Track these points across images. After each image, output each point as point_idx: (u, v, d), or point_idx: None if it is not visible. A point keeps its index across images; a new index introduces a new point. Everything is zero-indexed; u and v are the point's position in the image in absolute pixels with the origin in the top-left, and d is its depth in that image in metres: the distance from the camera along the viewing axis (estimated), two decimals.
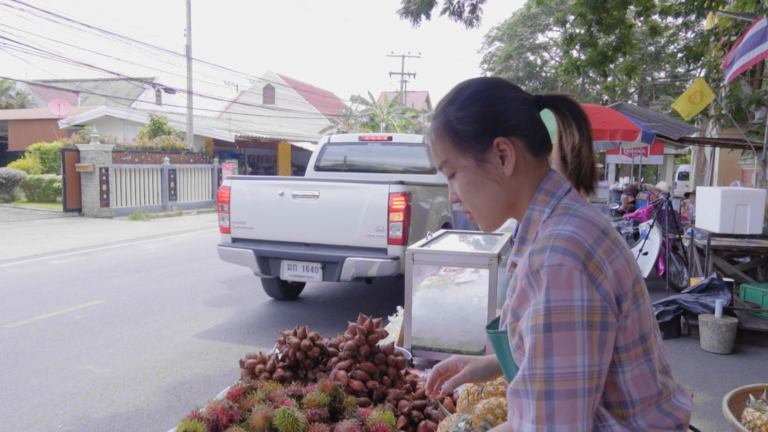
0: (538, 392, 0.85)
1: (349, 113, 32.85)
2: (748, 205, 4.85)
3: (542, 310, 0.87)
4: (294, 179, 5.66)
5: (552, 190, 1.02)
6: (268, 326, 5.48)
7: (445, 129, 1.04)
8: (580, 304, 0.86)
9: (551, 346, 0.85)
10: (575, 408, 0.84)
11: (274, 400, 1.25)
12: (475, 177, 1.03)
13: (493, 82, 1.05)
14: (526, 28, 29.85)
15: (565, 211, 0.98)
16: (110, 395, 3.83)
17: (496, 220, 1.07)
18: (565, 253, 0.88)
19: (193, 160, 18.50)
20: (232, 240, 5.60)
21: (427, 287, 2.19)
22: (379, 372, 1.67)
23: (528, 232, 1.02)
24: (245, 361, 1.74)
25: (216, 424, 1.16)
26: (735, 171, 13.07)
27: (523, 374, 0.88)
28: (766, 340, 4.95)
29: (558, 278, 0.86)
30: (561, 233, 0.91)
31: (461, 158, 1.03)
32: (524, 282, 0.91)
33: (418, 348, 2.11)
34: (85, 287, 6.95)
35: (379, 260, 4.98)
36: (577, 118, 1.04)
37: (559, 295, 0.86)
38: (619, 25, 13.09)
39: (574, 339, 0.85)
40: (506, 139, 1.00)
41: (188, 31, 19.15)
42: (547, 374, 0.85)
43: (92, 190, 15.06)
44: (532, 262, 0.90)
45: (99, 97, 25.93)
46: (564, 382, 0.84)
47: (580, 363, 0.85)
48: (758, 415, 1.80)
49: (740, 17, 10.61)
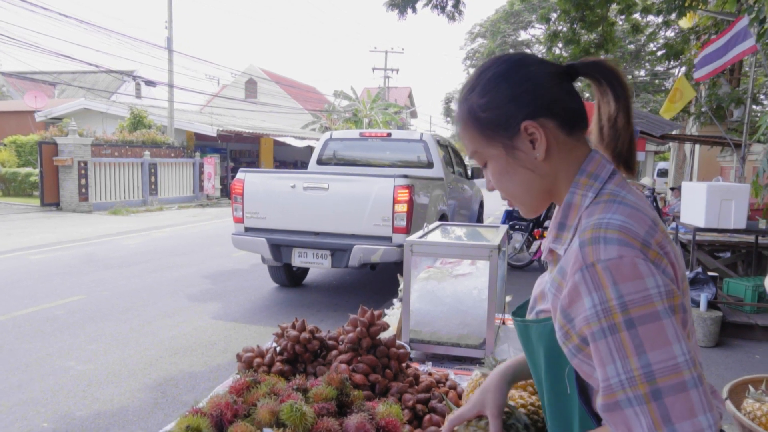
0: (645, 395, 0.76)
1: (332, 108, 32.69)
2: (733, 200, 4.91)
3: (617, 307, 0.78)
4: (304, 173, 6.09)
5: (595, 172, 0.94)
6: (253, 321, 5.41)
7: (469, 118, 0.98)
8: (657, 291, 0.79)
9: (641, 342, 0.77)
10: (690, 401, 0.76)
11: (279, 394, 1.21)
12: (506, 166, 0.97)
13: (515, 60, 0.98)
14: (508, 24, 29.95)
15: (612, 198, 0.90)
16: (94, 392, 3.74)
17: (535, 206, 1.01)
18: (620, 243, 0.81)
19: (174, 154, 18.25)
20: (245, 229, 5.90)
21: (425, 279, 2.15)
22: (381, 365, 1.63)
23: (568, 218, 0.94)
24: (242, 355, 1.69)
25: (220, 419, 1.11)
26: (714, 168, 13.26)
27: (620, 380, 0.78)
28: (749, 332, 5.03)
29: (623, 271, 0.79)
30: (611, 223, 0.84)
31: (489, 147, 0.97)
32: (577, 276, 0.83)
33: (416, 341, 2.08)
34: (64, 282, 6.80)
35: (385, 247, 5.33)
36: (613, 85, 0.96)
37: (631, 288, 0.78)
38: (602, 23, 13.20)
39: (664, 329, 0.77)
40: (534, 122, 0.93)
41: (169, 23, 18.85)
42: (647, 373, 0.77)
43: (70, 185, 14.76)
44: (585, 254, 0.82)
45: (77, 90, 25.43)
46: (669, 377, 0.76)
47: (679, 352, 0.77)
48: (758, 405, 1.80)
49: (720, 16, 10.76)
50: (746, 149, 8.01)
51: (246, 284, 6.96)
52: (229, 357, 4.44)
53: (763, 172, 5.13)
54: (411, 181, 5.43)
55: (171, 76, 18.97)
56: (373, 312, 1.68)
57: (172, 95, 18.96)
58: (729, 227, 4.95)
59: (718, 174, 12.64)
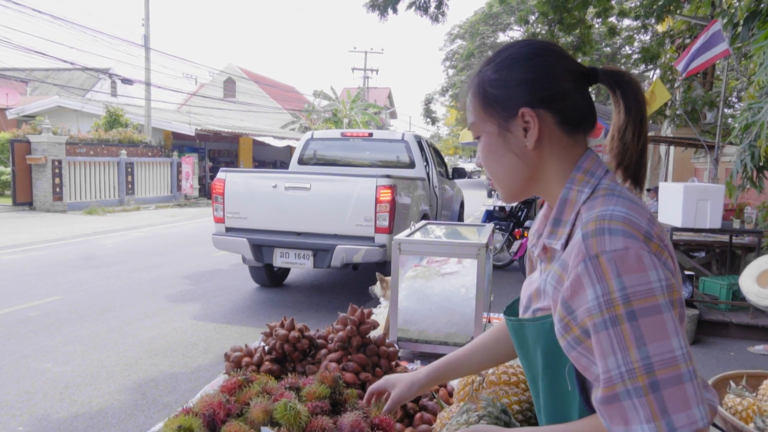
0: (644, 387, 0.77)
1: (312, 108, 32.55)
2: (708, 200, 5.00)
3: (619, 299, 0.79)
4: (286, 173, 6.03)
5: (591, 169, 0.95)
6: (234, 321, 5.36)
7: (478, 89, 0.99)
8: (659, 284, 0.79)
9: (641, 334, 0.78)
10: (686, 394, 0.77)
11: (272, 393, 1.20)
12: (496, 145, 0.98)
13: (539, 47, 0.97)
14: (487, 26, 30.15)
15: (610, 192, 0.90)
16: (71, 394, 3.67)
17: (514, 192, 1.01)
18: (625, 235, 0.81)
19: (151, 153, 17.99)
20: (226, 229, 5.82)
21: (412, 278, 2.16)
22: (371, 364, 1.63)
23: (564, 213, 0.94)
24: (231, 355, 1.67)
25: (212, 418, 1.09)
26: (688, 169, 13.53)
27: (620, 372, 0.79)
28: (724, 330, 5.13)
29: (627, 262, 0.79)
30: (615, 214, 0.84)
31: (485, 122, 0.99)
32: (580, 268, 0.83)
33: (404, 340, 2.08)
34: (39, 283, 6.65)
35: (367, 248, 5.30)
36: (626, 96, 0.95)
37: (634, 280, 0.79)
38: (580, 25, 13.38)
39: (664, 322, 0.78)
40: (533, 111, 0.93)
41: (146, 21, 18.57)
42: (646, 365, 0.77)
43: (44, 184, 14.45)
44: (589, 245, 0.82)
45: (50, 87, 24.89)
46: (666, 369, 0.77)
47: (677, 345, 0.78)
48: (739, 400, 1.84)
49: (694, 20, 10.98)
50: (719, 151, 8.19)
51: (226, 284, 6.89)
52: (210, 358, 4.39)
53: (737, 173, 5.25)
54: (393, 181, 5.42)
55: (148, 74, 18.69)
56: (363, 310, 1.68)
57: (150, 94, 18.68)
58: (705, 227, 5.04)
59: (692, 175, 12.89)
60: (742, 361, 4.52)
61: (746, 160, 5.08)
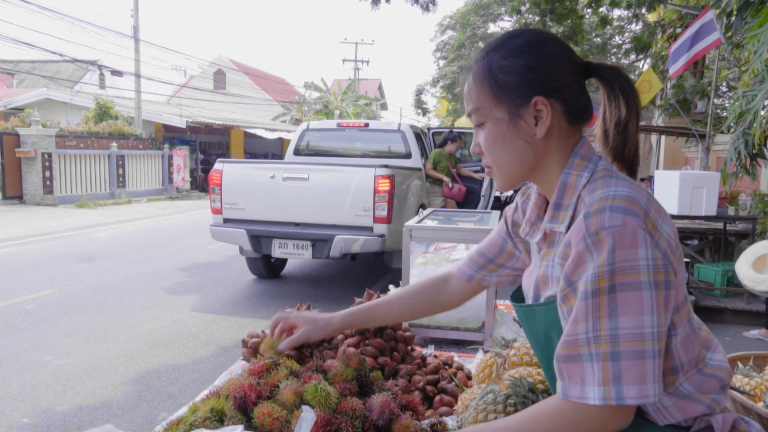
0: (604, 353, 0.82)
1: (303, 100, 32.38)
2: (704, 187, 5.06)
3: (606, 273, 0.83)
4: (284, 163, 6.00)
5: (587, 155, 0.98)
6: (234, 313, 5.36)
7: (485, 75, 0.99)
8: (646, 263, 0.83)
9: (615, 306, 0.82)
10: (645, 369, 0.82)
11: (299, 375, 1.21)
12: (505, 132, 0.98)
13: (546, 36, 0.99)
14: (478, 17, 30.06)
15: (609, 173, 0.94)
16: (74, 386, 3.66)
17: (514, 179, 1.02)
18: (626, 212, 0.84)
19: (142, 146, 17.84)
20: (223, 221, 5.80)
21: (423, 264, 2.17)
22: (389, 348, 1.64)
23: (564, 198, 0.97)
24: (248, 341, 1.67)
25: (243, 401, 1.10)
26: (679, 158, 13.63)
27: (586, 336, 0.84)
28: (719, 315, 5.21)
29: (623, 238, 0.83)
30: (617, 193, 0.87)
31: (494, 108, 0.98)
32: (581, 246, 0.86)
33: (415, 326, 2.10)
34: (34, 276, 6.60)
35: (366, 237, 5.30)
36: (626, 92, 0.99)
37: (624, 256, 0.82)
38: (571, 15, 13.40)
39: (642, 299, 0.82)
40: (546, 99, 0.95)
41: (135, 12, 18.36)
42: (612, 335, 0.82)
43: (34, 177, 14.31)
44: (589, 224, 0.86)
45: (37, 79, 24.58)
46: (631, 343, 0.82)
47: (648, 323, 0.82)
48: (747, 380, 1.88)
49: (686, 10, 11.03)
50: (710, 140, 8.26)
51: (223, 276, 6.88)
52: (211, 349, 4.39)
53: (731, 160, 5.30)
54: (391, 171, 5.44)
55: (138, 66, 18.50)
56: (379, 295, 1.69)
57: (140, 86, 18.50)
58: (701, 214, 5.10)
59: (683, 164, 12.99)
60: (738, 345, 4.59)
61: (740, 147, 5.12)
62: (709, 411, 0.94)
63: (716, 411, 0.95)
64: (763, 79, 4.88)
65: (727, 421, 0.94)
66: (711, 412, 0.94)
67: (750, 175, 5.34)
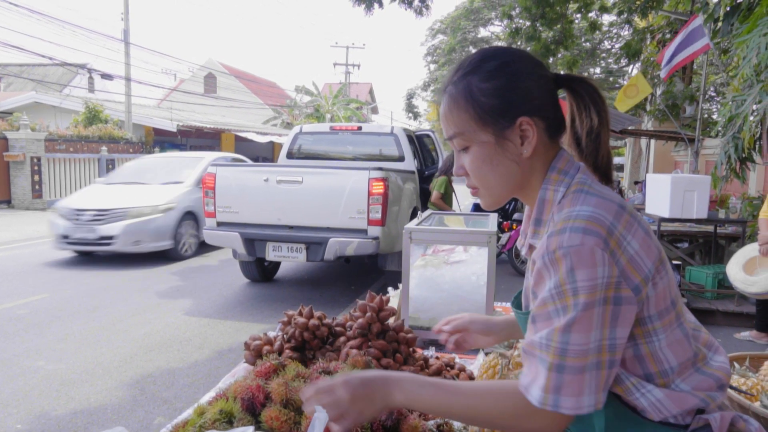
0: (551, 364, 0.86)
1: (294, 104, 32.36)
2: (695, 190, 5.11)
3: (570, 291, 0.85)
4: (278, 166, 5.99)
5: (564, 168, 0.99)
6: (228, 316, 5.34)
7: (466, 99, 0.98)
8: (602, 281, 0.85)
9: (572, 323, 0.85)
10: (582, 382, 0.85)
11: (306, 377, 1.21)
12: (492, 154, 0.99)
13: (519, 55, 1.00)
14: (468, 21, 30.25)
15: (580, 188, 0.95)
16: (68, 391, 3.63)
17: (503, 198, 1.04)
18: (585, 232, 0.87)
19: (132, 150, 17.73)
20: (217, 224, 5.78)
21: (422, 267, 2.18)
22: (392, 350, 1.65)
23: (543, 213, 0.99)
24: (251, 343, 1.67)
25: (252, 402, 1.10)
26: (669, 162, 13.77)
27: (540, 342, 0.88)
28: (710, 318, 5.25)
29: (581, 257, 0.85)
30: (580, 214, 0.89)
31: (479, 132, 0.98)
32: (539, 263, 0.90)
33: (415, 328, 2.10)
34: (25, 281, 6.54)
35: (360, 240, 5.29)
36: (596, 101, 1.01)
37: (584, 275, 0.85)
38: (561, 20, 13.52)
39: (592, 316, 0.85)
40: (530, 119, 0.97)
41: (126, 15, 18.28)
42: (562, 349, 0.85)
43: (23, 181, 14.18)
44: (550, 243, 0.89)
45: (25, 83, 24.38)
46: (576, 359, 0.85)
47: (593, 338, 0.85)
48: (743, 380, 1.90)
49: (675, 15, 11.16)
50: (699, 144, 8.35)
51: (216, 280, 6.85)
52: (206, 353, 4.37)
53: (721, 164, 5.36)
54: (386, 174, 5.44)
55: (128, 69, 18.41)
56: (381, 297, 1.70)
57: (130, 89, 18.40)
58: (692, 217, 5.15)
59: (672, 167, 13.12)
60: (729, 347, 4.63)
61: (730, 151, 5.19)
62: (703, 405, 0.95)
63: (710, 406, 0.96)
64: (752, 83, 4.95)
65: (726, 419, 0.96)
66: (705, 406, 0.95)
67: (740, 178, 5.40)
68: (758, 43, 4.51)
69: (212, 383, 3.69)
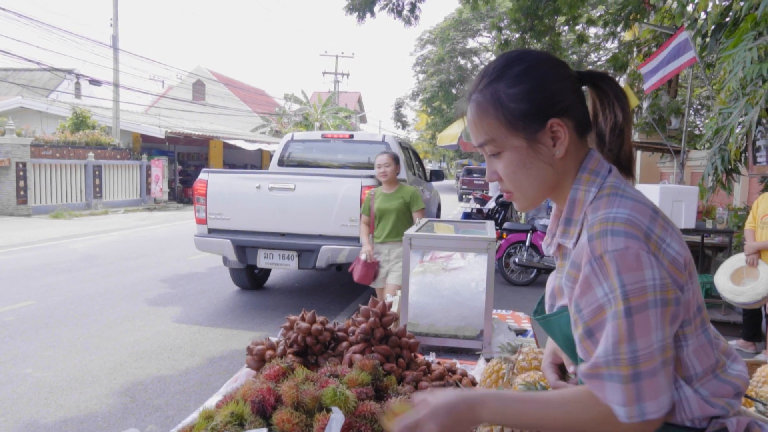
0: (626, 376, 0.86)
1: (283, 112, 32.35)
2: (684, 201, 5.19)
3: (621, 296, 0.86)
4: (270, 173, 5.96)
5: (596, 169, 1.00)
6: (218, 324, 5.30)
7: (495, 106, 0.98)
8: (653, 283, 0.86)
9: (633, 329, 0.85)
10: (658, 383, 0.87)
11: (315, 380, 1.21)
12: (526, 158, 0.99)
13: (543, 57, 1.01)
14: (457, 32, 30.53)
15: (614, 191, 0.96)
16: (57, 399, 3.58)
17: (537, 199, 1.04)
18: (626, 236, 0.87)
19: (120, 156, 17.60)
20: (208, 231, 5.74)
21: (421, 273, 2.19)
22: (394, 355, 1.65)
23: (574, 213, 1.00)
24: (253, 348, 1.67)
25: (262, 405, 1.10)
26: (655, 173, 13.93)
27: (606, 359, 0.87)
28: None
29: (627, 261, 0.86)
30: (618, 216, 0.90)
31: (510, 137, 0.99)
32: (587, 269, 0.89)
33: (414, 333, 2.11)
34: (11, 288, 6.45)
35: (352, 247, 5.26)
36: (619, 98, 1.03)
37: (632, 278, 0.86)
38: (550, 32, 13.70)
39: (649, 318, 0.86)
40: (560, 120, 0.97)
41: (115, 21, 18.20)
42: (633, 357, 0.85)
43: (8, 187, 14.00)
44: (594, 247, 0.89)
45: (10, 87, 24.10)
46: (647, 363, 0.86)
47: (655, 339, 0.86)
48: None
49: (660, 29, 11.35)
50: (685, 156, 8.48)
51: (206, 287, 6.81)
52: (197, 361, 4.34)
53: (708, 175, 5.45)
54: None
55: (117, 75, 18.31)
56: (384, 302, 1.70)
57: (118, 95, 18.29)
58: (680, 227, 5.22)
59: (658, 179, 13.28)
60: None
61: (717, 163, 5.28)
62: (723, 413, 0.96)
63: (729, 414, 0.97)
64: (738, 97, 5.04)
65: (741, 424, 0.97)
66: (725, 414, 0.97)
67: (726, 189, 5.49)
68: (743, 57, 4.61)
69: (204, 391, 3.67)
